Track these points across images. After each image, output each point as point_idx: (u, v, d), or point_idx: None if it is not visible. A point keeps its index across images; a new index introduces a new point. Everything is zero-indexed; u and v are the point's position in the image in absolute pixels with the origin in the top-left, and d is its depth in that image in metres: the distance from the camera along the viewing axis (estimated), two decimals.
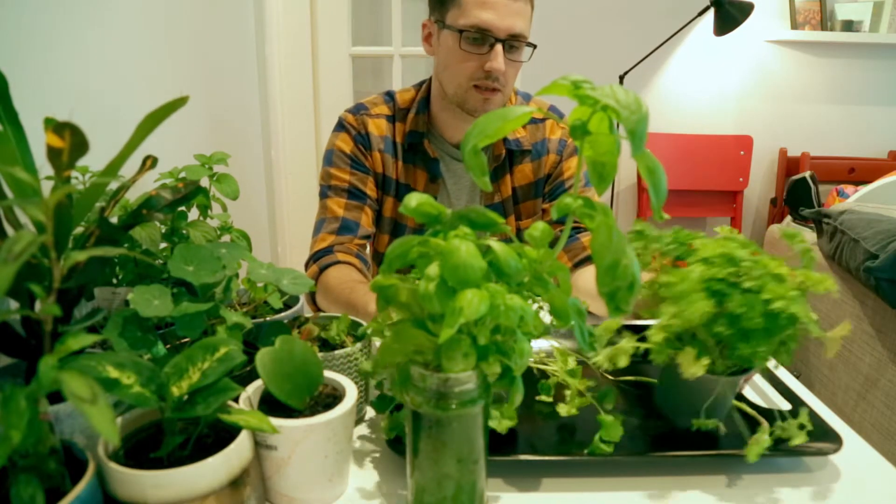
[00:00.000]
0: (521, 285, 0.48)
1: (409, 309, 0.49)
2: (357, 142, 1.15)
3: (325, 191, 1.16)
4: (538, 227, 0.47)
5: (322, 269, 1.07)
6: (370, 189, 1.16)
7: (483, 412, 0.50)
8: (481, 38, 1.00)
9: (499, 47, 1.00)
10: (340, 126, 1.17)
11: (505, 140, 1.13)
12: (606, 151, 0.43)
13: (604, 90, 0.41)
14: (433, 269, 0.44)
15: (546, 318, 0.52)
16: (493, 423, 0.61)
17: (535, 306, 0.53)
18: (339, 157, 1.15)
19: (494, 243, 0.45)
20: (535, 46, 1.05)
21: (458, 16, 1.01)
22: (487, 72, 1.01)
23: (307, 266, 1.11)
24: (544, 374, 0.75)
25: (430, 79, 1.16)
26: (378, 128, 1.15)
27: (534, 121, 1.17)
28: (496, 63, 1.00)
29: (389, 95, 1.19)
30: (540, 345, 0.80)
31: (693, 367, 0.59)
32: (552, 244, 0.49)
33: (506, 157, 1.15)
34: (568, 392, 0.70)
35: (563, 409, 0.67)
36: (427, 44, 1.12)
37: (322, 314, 0.77)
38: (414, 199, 0.49)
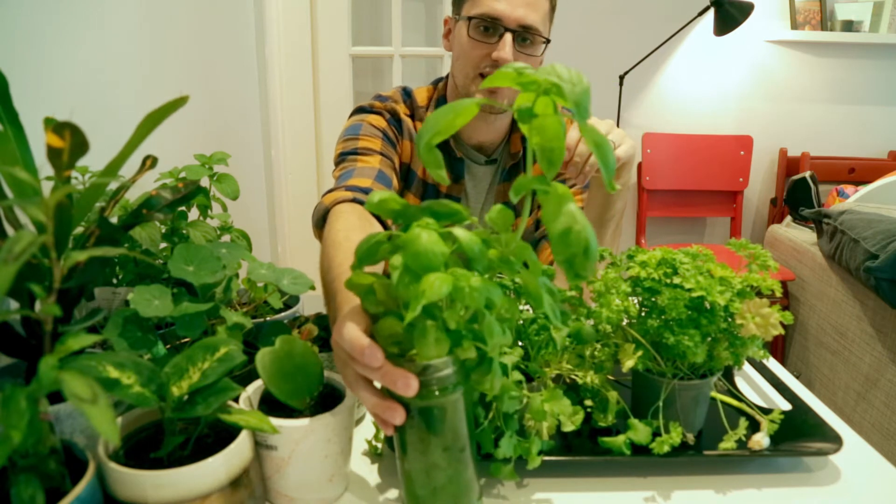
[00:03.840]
0: (490, 270, 0.48)
1: (386, 304, 0.49)
2: (390, 123, 1.11)
3: (351, 153, 1.05)
4: (496, 209, 0.48)
5: (354, 200, 0.93)
6: (397, 167, 1.09)
7: (464, 398, 0.50)
8: (492, 26, 1.00)
9: (508, 37, 0.99)
10: (368, 110, 1.11)
11: (522, 138, 1.13)
12: (553, 136, 0.44)
13: (545, 69, 0.42)
14: (397, 259, 0.45)
15: None
16: (566, 427, 0.62)
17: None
18: (370, 128, 1.08)
19: (457, 230, 0.46)
20: (548, 41, 1.04)
21: (472, 6, 1.02)
22: (494, 61, 1.00)
23: (330, 191, 0.97)
24: (574, 385, 0.73)
25: (447, 77, 1.15)
26: (405, 120, 1.13)
27: None
28: (503, 52, 0.99)
29: (406, 93, 1.16)
30: None
31: (629, 360, 0.63)
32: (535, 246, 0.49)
33: (523, 156, 1.14)
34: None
35: (601, 419, 0.68)
36: (446, 40, 1.12)
37: (322, 314, 0.77)
38: (377, 196, 0.49)
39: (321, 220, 0.93)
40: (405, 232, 0.47)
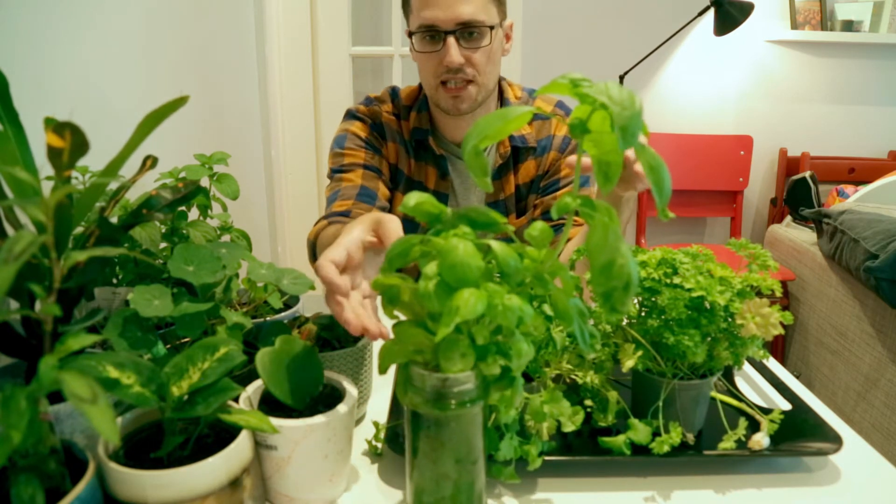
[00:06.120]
0: (522, 285, 0.48)
1: (411, 309, 0.49)
2: (372, 129, 1.15)
3: (338, 170, 1.12)
4: (537, 227, 0.47)
5: (331, 224, 1.03)
6: (384, 173, 1.14)
7: (482, 412, 0.50)
8: (433, 34, 1.01)
9: (450, 40, 1.00)
10: (353, 115, 1.16)
11: (510, 137, 1.13)
12: (610, 150, 0.43)
13: (598, 87, 0.41)
14: (431, 268, 0.44)
15: None
16: (566, 428, 0.62)
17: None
18: (354, 139, 1.13)
19: (494, 243, 0.45)
20: (492, 28, 1.02)
21: (413, 20, 1.04)
22: (447, 67, 1.01)
23: (316, 223, 1.07)
24: (574, 385, 0.73)
25: None
26: (390, 121, 1.16)
27: (540, 117, 1.16)
28: (449, 56, 1.00)
29: (395, 93, 1.19)
30: None
31: (629, 360, 0.63)
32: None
33: (511, 153, 1.15)
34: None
35: (601, 419, 0.68)
36: (414, 52, 1.14)
37: (322, 314, 0.77)
38: (413, 198, 0.49)
39: (312, 254, 1.03)
40: (436, 237, 0.46)
